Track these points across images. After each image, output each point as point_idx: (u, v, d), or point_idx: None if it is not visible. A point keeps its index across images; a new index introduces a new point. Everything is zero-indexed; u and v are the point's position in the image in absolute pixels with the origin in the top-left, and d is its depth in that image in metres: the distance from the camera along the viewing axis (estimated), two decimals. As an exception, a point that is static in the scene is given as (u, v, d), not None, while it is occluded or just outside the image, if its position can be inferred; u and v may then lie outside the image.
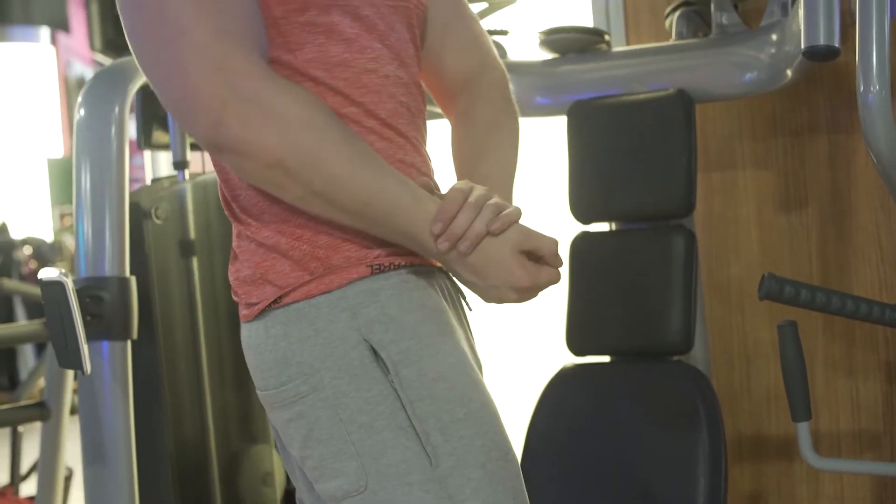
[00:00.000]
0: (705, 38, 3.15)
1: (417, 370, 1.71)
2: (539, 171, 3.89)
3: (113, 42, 7.03)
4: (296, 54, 1.76)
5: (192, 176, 3.33)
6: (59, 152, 11.63)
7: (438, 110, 2.15)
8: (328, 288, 1.74)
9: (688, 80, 3.08)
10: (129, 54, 6.40)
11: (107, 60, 7.24)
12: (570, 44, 3.24)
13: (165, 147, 3.43)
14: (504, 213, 1.71)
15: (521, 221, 1.75)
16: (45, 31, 11.30)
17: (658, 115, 3.04)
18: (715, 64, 3.06)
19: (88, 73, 11.67)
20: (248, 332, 1.83)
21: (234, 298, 1.85)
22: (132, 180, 2.95)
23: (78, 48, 11.70)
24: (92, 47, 7.15)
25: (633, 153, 3.05)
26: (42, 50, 11.47)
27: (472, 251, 1.71)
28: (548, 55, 3.29)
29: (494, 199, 1.73)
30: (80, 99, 3.03)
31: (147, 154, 3.43)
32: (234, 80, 1.63)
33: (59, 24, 11.80)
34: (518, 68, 3.28)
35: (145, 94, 3.27)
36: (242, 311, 1.83)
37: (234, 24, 1.67)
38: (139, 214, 3.07)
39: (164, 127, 3.41)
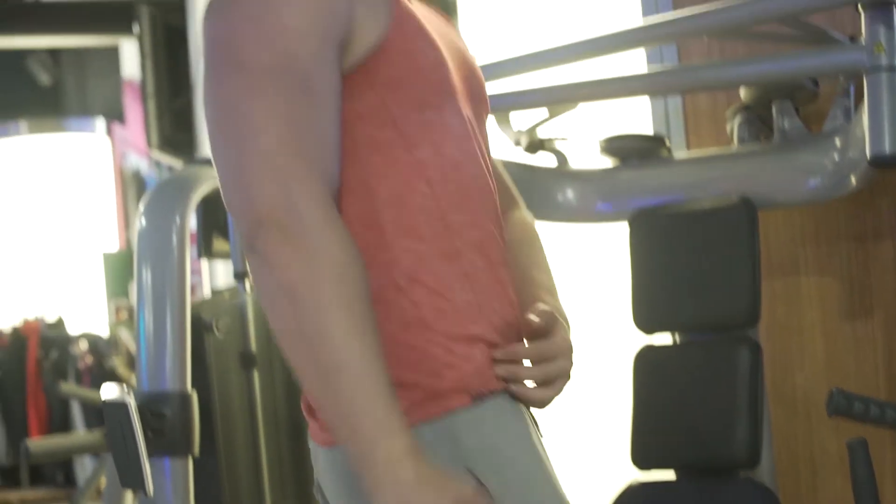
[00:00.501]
0: (767, 143, 3.13)
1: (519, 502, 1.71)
2: (601, 279, 3.87)
3: (170, 139, 7.13)
4: (413, 153, 1.75)
5: (253, 287, 3.32)
6: (114, 246, 11.69)
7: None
8: (428, 416, 1.71)
9: (750, 186, 3.05)
10: (185, 152, 6.40)
11: (163, 157, 7.33)
12: (631, 150, 3.23)
13: (226, 256, 3.43)
14: None
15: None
16: (100, 122, 11.40)
17: (721, 224, 3.02)
18: (778, 170, 3.04)
19: (143, 165, 11.75)
20: (333, 458, 1.77)
21: (308, 417, 1.81)
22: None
23: (133, 140, 11.78)
24: (149, 144, 7.24)
25: (696, 261, 3.02)
26: (97, 141, 11.57)
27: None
28: (608, 162, 3.28)
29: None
30: (141, 208, 3.04)
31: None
32: (288, 192, 1.62)
33: (115, 115, 11.91)
34: (579, 175, 3.27)
35: (206, 203, 3.27)
36: (324, 435, 1.79)
37: (303, 141, 1.66)
38: (200, 327, 3.07)
39: (225, 235, 3.41)
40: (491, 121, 3.17)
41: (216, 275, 6.22)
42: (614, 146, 3.23)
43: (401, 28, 1.77)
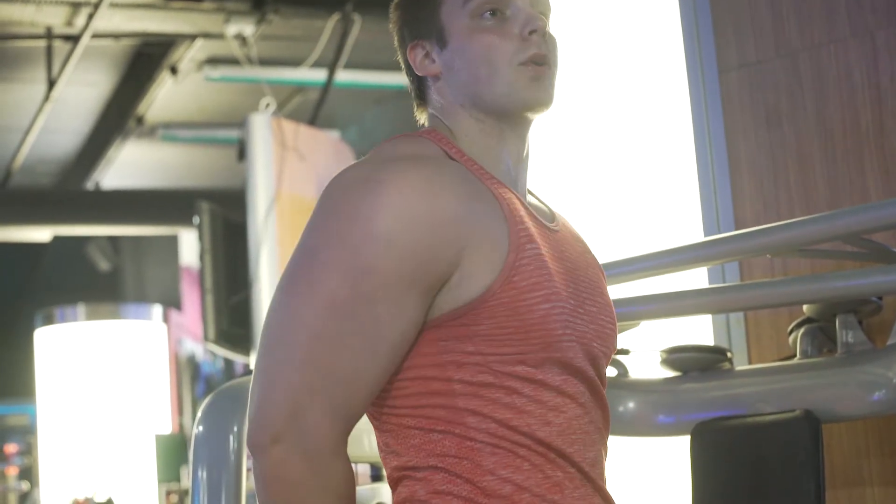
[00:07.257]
0: (831, 355, 3.10)
1: None
2: (663, 490, 3.82)
3: (226, 333, 7.13)
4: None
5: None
6: (167, 429, 11.68)
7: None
8: None
9: (814, 399, 3.01)
10: (241, 345, 6.34)
11: (219, 349, 7.34)
12: (692, 362, 3.20)
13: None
14: None
15: None
16: (157, 310, 11.47)
17: (784, 438, 2.97)
18: (842, 383, 3.00)
19: (198, 350, 11.80)
20: None
21: None
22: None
23: (189, 326, 11.86)
24: (205, 337, 7.26)
25: (758, 475, 2.98)
26: (154, 327, 11.62)
27: None
28: (669, 373, 3.25)
29: None
30: (199, 415, 3.03)
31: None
32: (303, 427, 1.69)
33: (172, 301, 11.99)
34: (639, 386, 3.24)
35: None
36: None
37: (335, 390, 1.72)
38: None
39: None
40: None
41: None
42: (675, 358, 3.20)
43: (510, 283, 1.77)
